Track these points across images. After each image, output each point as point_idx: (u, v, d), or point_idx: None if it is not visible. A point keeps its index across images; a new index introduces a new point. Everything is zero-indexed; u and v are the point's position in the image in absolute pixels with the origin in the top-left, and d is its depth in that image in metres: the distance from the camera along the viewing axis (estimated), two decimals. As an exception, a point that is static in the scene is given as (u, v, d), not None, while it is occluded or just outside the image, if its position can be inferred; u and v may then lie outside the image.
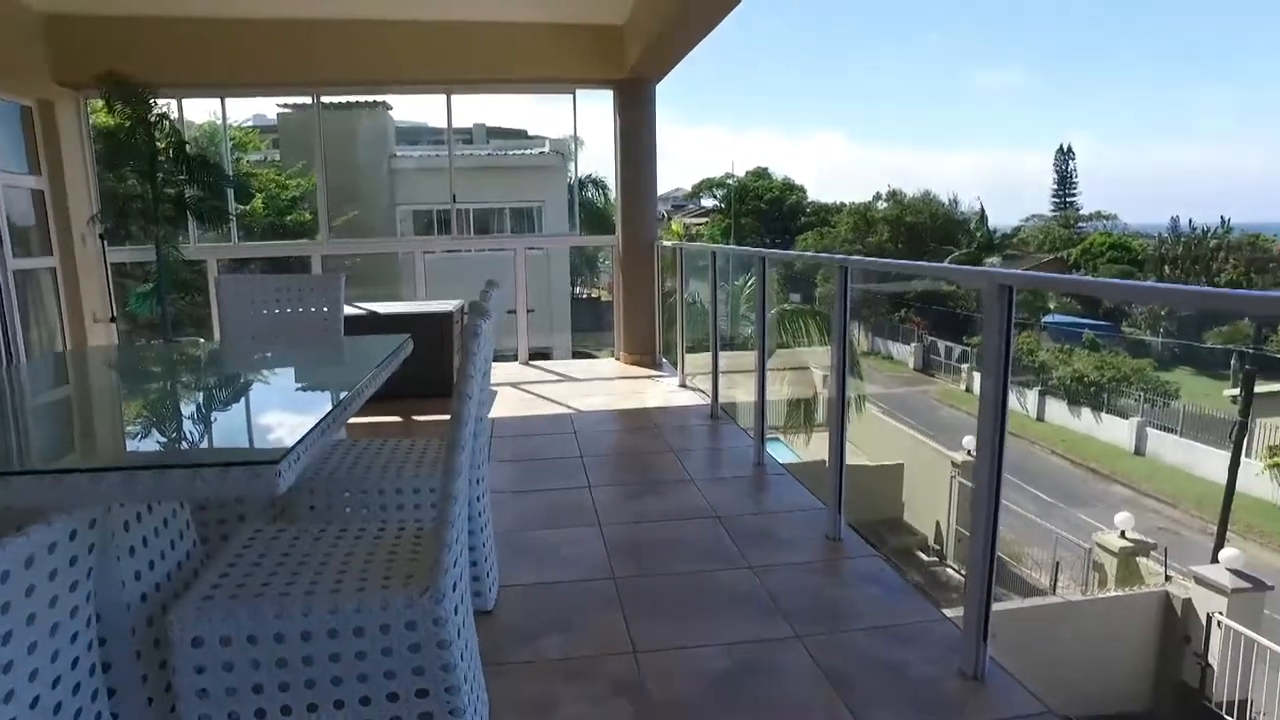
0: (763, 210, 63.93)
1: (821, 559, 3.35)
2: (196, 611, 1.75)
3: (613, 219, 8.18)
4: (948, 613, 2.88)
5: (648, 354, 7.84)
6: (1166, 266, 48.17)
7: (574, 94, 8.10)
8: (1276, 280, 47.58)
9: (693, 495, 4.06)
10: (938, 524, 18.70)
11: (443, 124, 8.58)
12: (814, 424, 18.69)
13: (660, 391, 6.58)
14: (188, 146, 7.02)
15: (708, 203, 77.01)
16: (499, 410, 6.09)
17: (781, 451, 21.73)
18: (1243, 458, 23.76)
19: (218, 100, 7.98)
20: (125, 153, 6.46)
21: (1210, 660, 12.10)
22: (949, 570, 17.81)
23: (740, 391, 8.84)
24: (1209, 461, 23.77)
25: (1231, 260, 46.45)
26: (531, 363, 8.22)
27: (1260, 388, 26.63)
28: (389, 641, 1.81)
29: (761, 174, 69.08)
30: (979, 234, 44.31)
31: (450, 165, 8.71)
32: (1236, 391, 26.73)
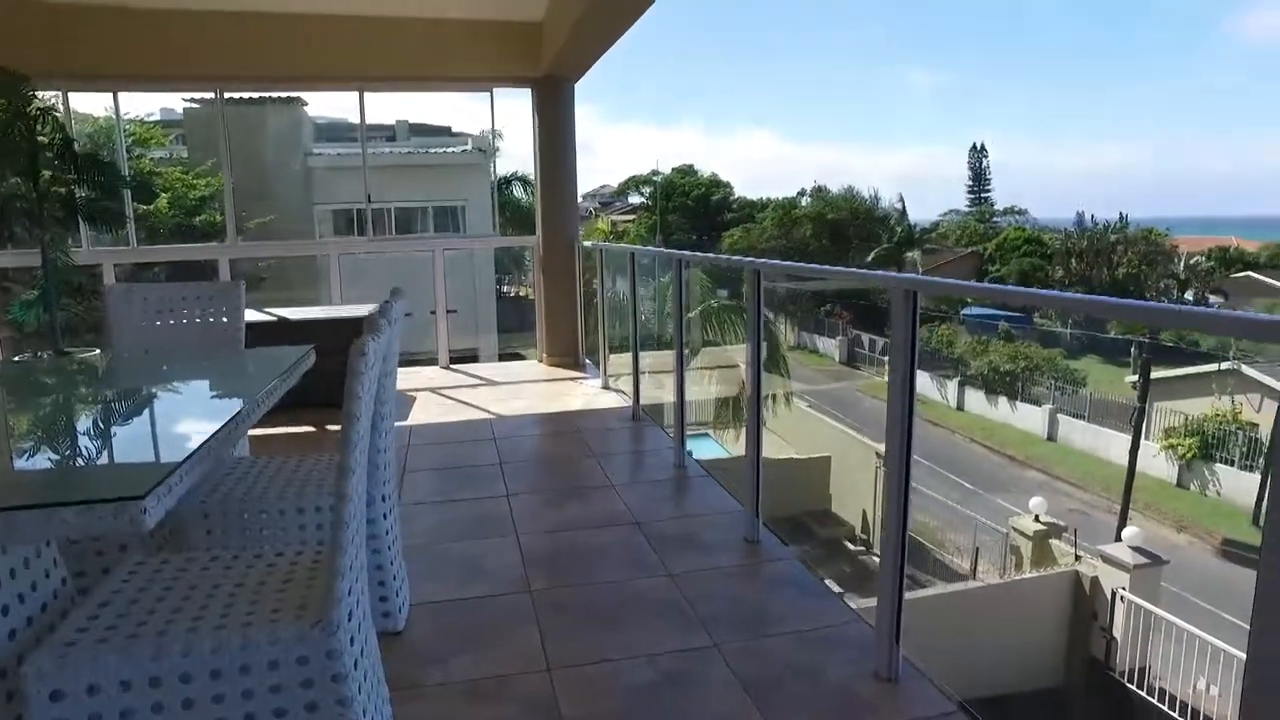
0: (689, 207, 64.42)
1: (740, 563, 3.36)
2: (57, 660, 1.60)
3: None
4: (866, 602, 2.91)
5: (571, 356, 7.77)
6: (1073, 260, 50.42)
7: (491, 92, 7.96)
8: (1167, 271, 50.32)
9: (613, 501, 4.03)
10: (864, 513, 19.16)
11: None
12: (742, 420, 18.94)
13: (583, 394, 6.53)
14: (75, 143, 6.61)
15: (635, 200, 77.29)
16: (417, 417, 5.94)
17: (711, 448, 21.92)
18: (1142, 440, 25.08)
19: (112, 95, 7.57)
20: (1, 149, 6.05)
21: (1115, 633, 12.72)
22: (875, 558, 18.28)
23: (666, 392, 8.87)
24: (1114, 445, 24.98)
25: (1129, 254, 48.93)
26: (453, 366, 8.05)
27: (1156, 374, 28.13)
28: (279, 678, 1.70)
29: (688, 171, 69.58)
30: (899, 229, 45.53)
31: (364, 164, 8.47)
32: (1136, 378, 28.17)
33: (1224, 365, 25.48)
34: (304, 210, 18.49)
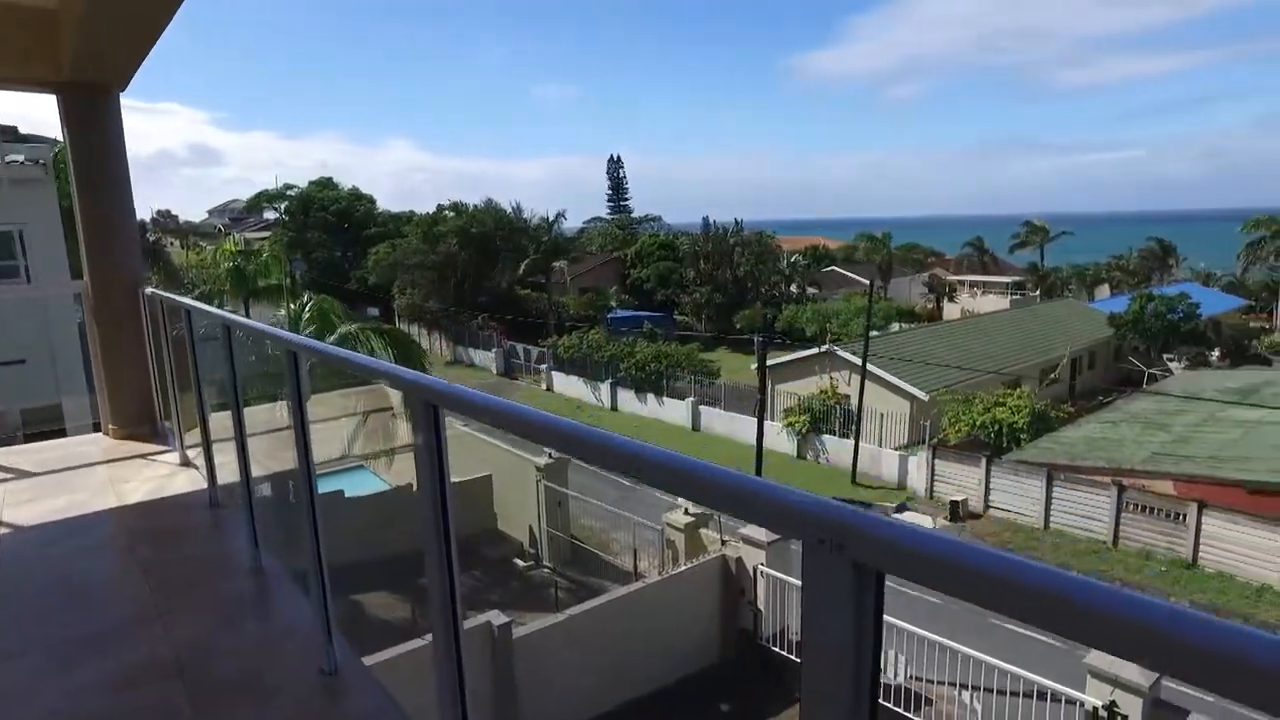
0: (330, 222, 60.38)
1: (304, 710, 2.68)
2: None
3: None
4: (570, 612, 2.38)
5: (146, 425, 6.36)
6: (701, 261, 55.97)
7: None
8: (775, 269, 58.07)
9: (154, 643, 3.09)
10: (531, 529, 19.09)
11: None
12: (395, 447, 17.84)
13: (151, 477, 5.28)
14: None
15: (270, 215, 70.55)
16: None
17: (368, 483, 20.45)
18: (769, 421, 28.30)
19: None
20: None
21: (760, 605, 13.99)
22: (544, 571, 18.29)
23: (271, 461, 7.69)
24: (749, 428, 27.89)
25: (746, 254, 55.53)
26: (-25, 452, 6.18)
27: (772, 360, 32.02)
28: None
29: (327, 184, 65.15)
30: (545, 240, 46.82)
31: None
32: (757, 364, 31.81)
33: (822, 348, 29.81)
34: None
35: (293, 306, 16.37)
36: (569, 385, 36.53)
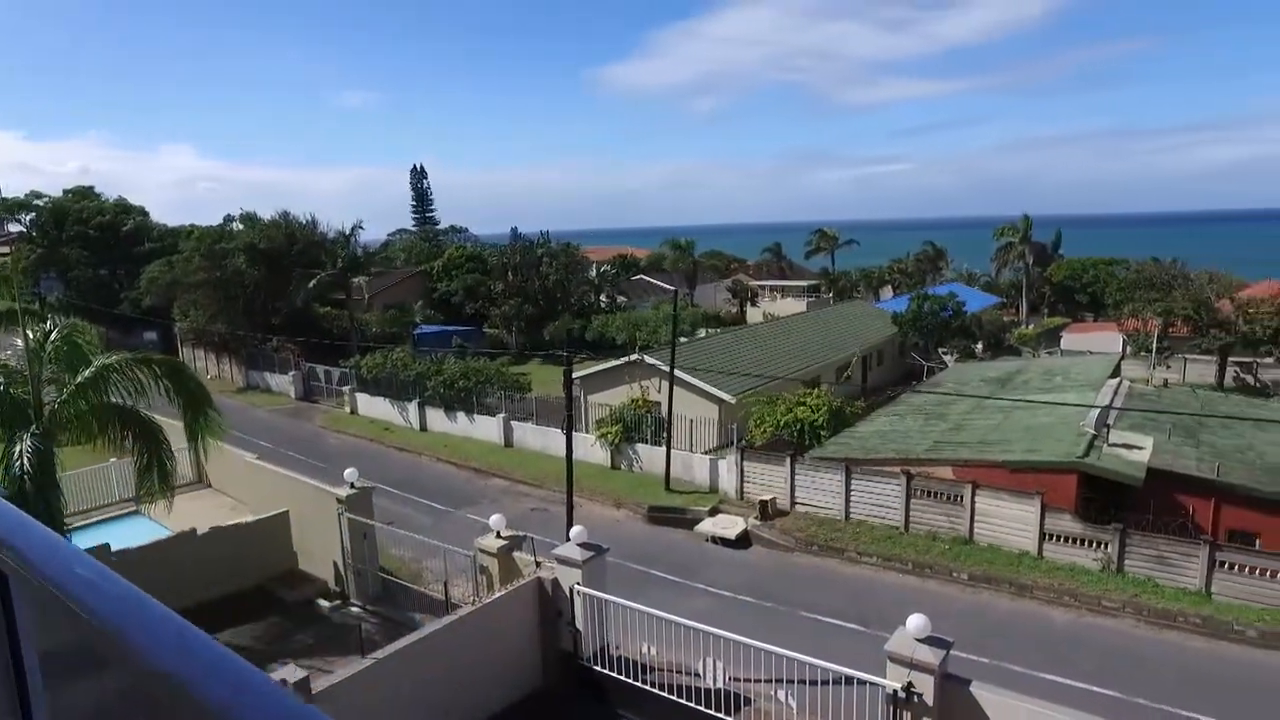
0: (92, 237, 53.84)
1: None
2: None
3: None
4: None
5: None
6: (510, 273, 55.26)
7: None
8: (585, 279, 58.52)
9: None
10: (335, 565, 17.78)
11: None
12: (173, 484, 15.94)
13: None
14: None
15: (15, 228, 61.78)
16: None
17: (146, 530, 18.21)
18: (582, 433, 28.22)
19: None
20: None
21: (578, 625, 13.75)
22: (353, 609, 17.08)
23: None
24: (561, 441, 27.64)
25: (554, 265, 55.45)
26: None
27: (583, 371, 32.06)
28: None
29: (86, 193, 58.11)
30: (343, 254, 44.26)
31: None
32: (574, 375, 31.69)
33: (632, 357, 30.18)
34: None
35: (32, 335, 14.17)
36: (374, 406, 34.69)
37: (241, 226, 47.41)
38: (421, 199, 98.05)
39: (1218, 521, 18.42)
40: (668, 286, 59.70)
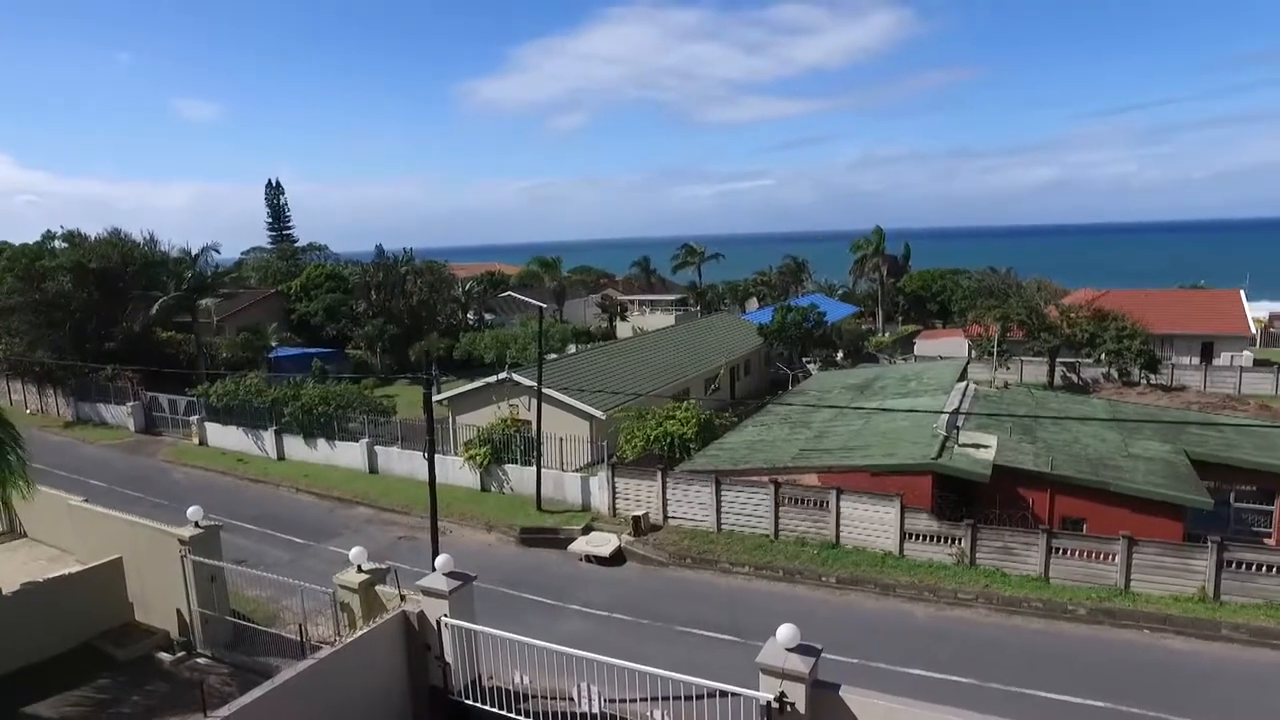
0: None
1: None
2: None
3: None
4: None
5: None
6: (373, 292, 53.27)
7: None
8: (452, 296, 57.21)
9: None
10: (179, 613, 16.35)
11: None
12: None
13: None
14: None
15: None
16: None
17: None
18: (450, 456, 27.38)
19: None
20: None
21: (448, 658, 13.17)
22: (201, 660, 15.74)
23: None
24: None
25: (419, 283, 53.92)
26: None
27: (451, 391, 31.17)
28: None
29: None
30: (188, 274, 41.28)
31: None
32: (439, 397, 30.75)
33: (500, 376, 29.56)
34: None
35: None
36: (227, 436, 32.41)
37: (65, 245, 43.36)
38: (278, 215, 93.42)
39: (1053, 511, 19.83)
40: (536, 303, 59.30)
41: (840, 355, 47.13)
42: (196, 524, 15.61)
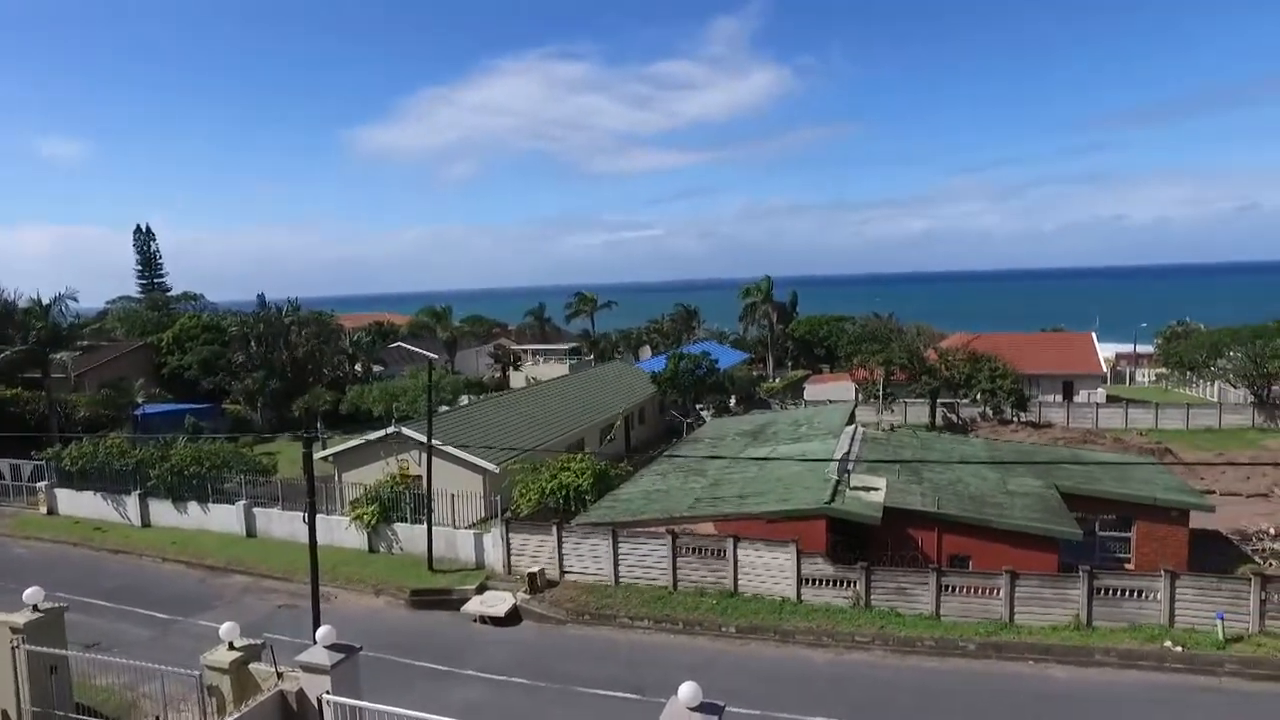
0: None
1: None
2: None
3: None
4: None
5: None
6: (254, 343, 50.67)
7: None
8: (339, 348, 55.12)
9: None
10: (4, 715, 14.58)
11: None
12: None
13: None
14: None
15: None
16: None
17: None
18: (336, 515, 26.02)
19: None
20: None
21: (331, 739, 12.21)
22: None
23: None
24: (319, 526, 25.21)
25: (304, 333, 51.72)
26: None
27: (338, 446, 29.77)
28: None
29: None
30: (40, 326, 38.10)
31: None
32: (324, 453, 29.29)
33: (389, 430, 28.43)
34: None
35: None
36: (81, 503, 29.69)
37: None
38: (149, 263, 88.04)
39: (941, 549, 20.45)
40: (428, 354, 57.88)
41: (733, 401, 47.89)
42: (35, 607, 14.02)
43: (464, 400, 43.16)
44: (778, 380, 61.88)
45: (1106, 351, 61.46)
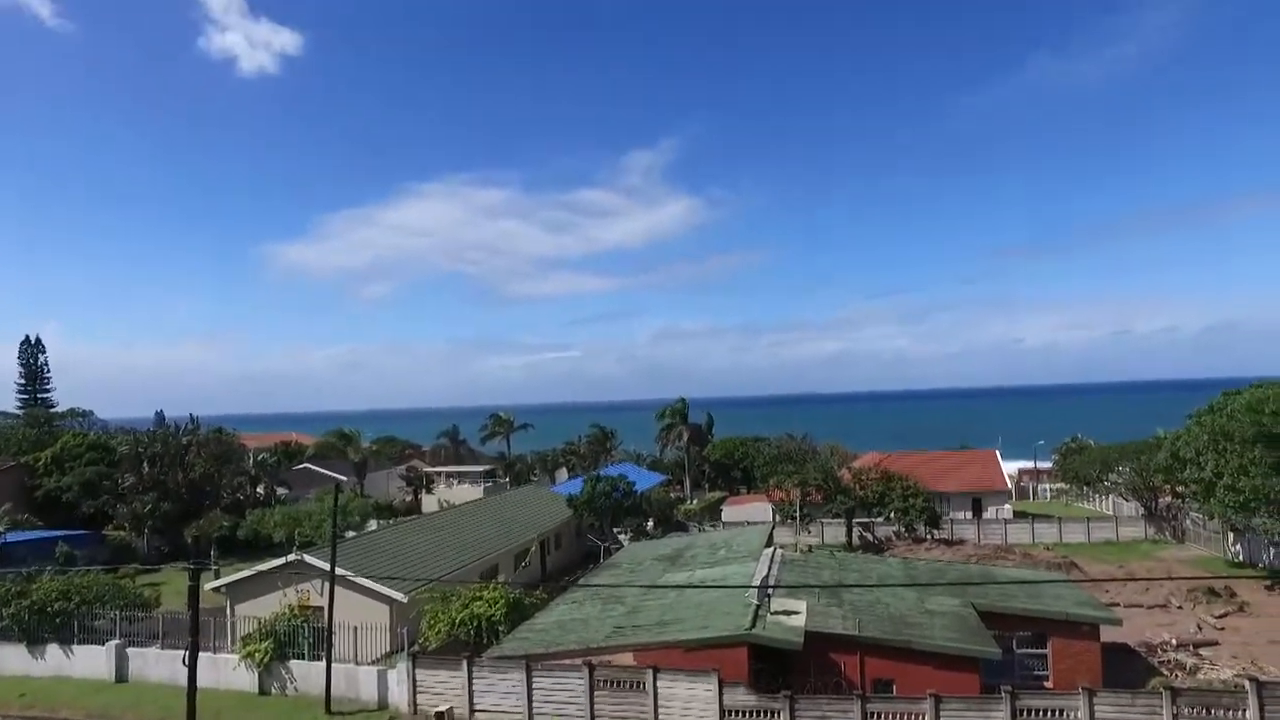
0: None
1: None
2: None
3: None
4: None
5: None
6: (146, 464, 47.67)
7: None
8: (241, 469, 52.45)
9: None
10: None
11: None
12: None
13: None
14: None
15: None
16: None
17: None
18: (226, 654, 23.88)
19: None
20: None
21: None
22: None
23: None
24: (202, 666, 23.00)
25: (202, 454, 49.06)
26: None
27: (232, 576, 27.70)
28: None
29: None
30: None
31: None
32: (216, 583, 27.19)
33: (290, 558, 26.64)
34: None
35: None
36: (-84, 649, 26.27)
37: None
38: (33, 376, 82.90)
39: (864, 673, 20.01)
40: (336, 475, 55.65)
41: (651, 524, 47.13)
42: None
43: (372, 525, 41.25)
44: (695, 502, 61.58)
45: (1010, 468, 63.87)
